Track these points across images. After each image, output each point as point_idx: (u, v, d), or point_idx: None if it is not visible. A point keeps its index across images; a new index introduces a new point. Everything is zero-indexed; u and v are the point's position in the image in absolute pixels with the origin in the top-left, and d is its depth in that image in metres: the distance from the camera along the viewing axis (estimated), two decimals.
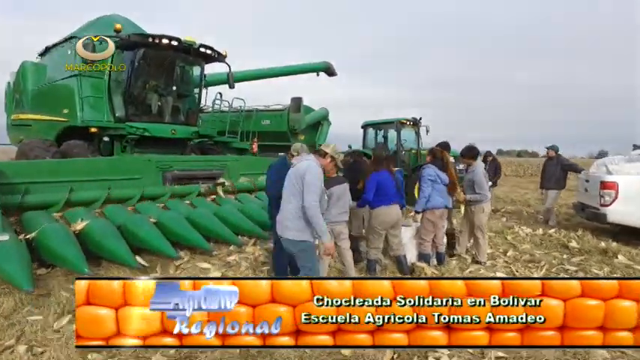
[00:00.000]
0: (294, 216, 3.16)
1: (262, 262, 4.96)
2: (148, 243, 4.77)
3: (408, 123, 11.12)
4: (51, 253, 4.22)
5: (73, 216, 5.19)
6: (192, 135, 8.16)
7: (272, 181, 4.23)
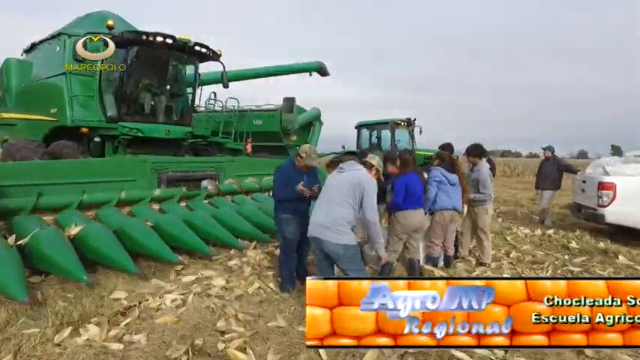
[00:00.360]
0: (347, 222, 3.18)
1: (266, 267, 4.81)
2: (147, 248, 4.57)
3: (403, 123, 11.11)
4: (45, 261, 3.99)
5: (66, 220, 4.97)
6: (186, 135, 7.95)
7: (280, 184, 4.09)
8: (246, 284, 4.21)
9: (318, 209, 3.29)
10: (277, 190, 4.14)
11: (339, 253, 3.16)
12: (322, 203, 3.30)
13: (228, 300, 3.80)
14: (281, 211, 4.10)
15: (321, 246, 3.12)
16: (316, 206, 3.35)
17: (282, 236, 4.12)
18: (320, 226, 3.15)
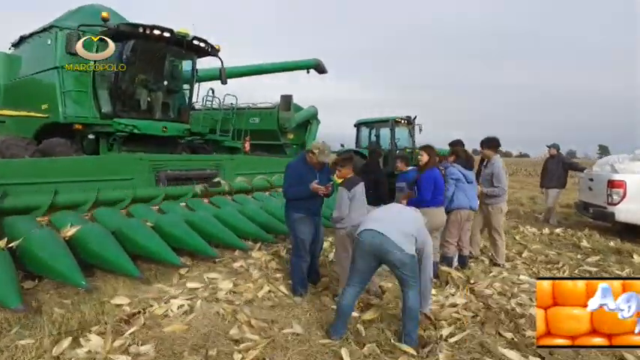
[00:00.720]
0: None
1: (275, 269, 4.59)
2: (148, 250, 4.31)
3: (403, 122, 10.92)
4: (39, 264, 3.72)
5: (60, 220, 4.69)
6: (183, 133, 7.67)
7: (292, 181, 3.86)
8: (256, 288, 3.98)
9: (382, 215, 3.07)
10: (289, 189, 3.91)
11: (405, 262, 2.92)
12: (385, 209, 3.11)
13: (237, 305, 3.56)
14: (293, 210, 3.88)
15: (384, 253, 2.88)
16: (375, 211, 3.14)
17: (295, 236, 3.90)
18: (394, 229, 2.93)
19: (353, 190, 3.84)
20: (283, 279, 4.23)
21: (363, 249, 2.95)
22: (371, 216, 3.23)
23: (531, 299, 3.79)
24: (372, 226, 2.96)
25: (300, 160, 3.99)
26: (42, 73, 7.03)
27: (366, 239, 2.92)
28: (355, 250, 3.03)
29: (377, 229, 2.95)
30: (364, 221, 3.09)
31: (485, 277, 4.45)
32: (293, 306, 3.66)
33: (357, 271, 3.01)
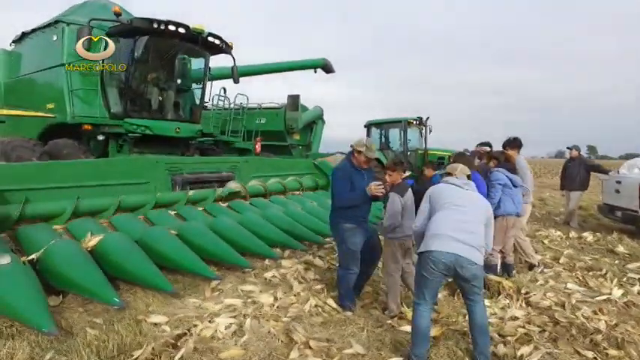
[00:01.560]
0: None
1: (313, 280, 4.29)
2: (177, 262, 3.99)
3: (415, 122, 10.70)
4: (64, 279, 3.38)
5: (78, 229, 4.36)
6: (196, 134, 7.34)
7: (344, 187, 3.55)
8: (300, 302, 3.68)
9: (452, 224, 2.75)
10: (343, 196, 3.55)
11: (478, 276, 2.70)
12: (454, 218, 2.77)
13: (285, 322, 3.27)
14: (343, 220, 3.56)
15: (458, 268, 2.62)
16: (444, 219, 2.78)
17: (345, 248, 3.57)
18: (464, 244, 2.65)
19: (405, 196, 3.59)
20: (327, 291, 3.94)
21: (435, 267, 2.67)
22: (439, 229, 2.83)
23: (595, 312, 3.58)
24: (448, 232, 2.71)
25: (346, 164, 3.69)
26: (47, 71, 6.66)
27: (438, 258, 2.66)
28: (424, 267, 2.74)
29: (453, 236, 2.69)
30: (431, 238, 2.77)
31: (535, 286, 4.21)
32: (345, 322, 3.37)
33: (428, 288, 2.73)
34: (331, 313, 3.54)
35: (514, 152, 5.10)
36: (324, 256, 5.17)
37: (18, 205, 4.17)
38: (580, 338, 3.14)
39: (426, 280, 2.71)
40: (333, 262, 4.96)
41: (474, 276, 2.67)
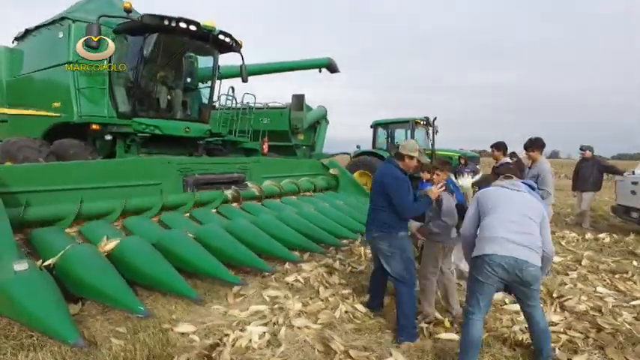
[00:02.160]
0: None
1: (338, 284, 4.15)
2: (198, 267, 3.83)
3: (422, 122, 10.60)
4: (84, 286, 3.20)
5: (92, 232, 4.20)
6: (205, 134, 7.16)
7: (405, 195, 3.23)
8: (330, 308, 3.55)
9: (508, 225, 2.61)
10: (409, 206, 3.19)
11: (537, 277, 2.58)
12: (508, 220, 2.63)
13: (317, 329, 3.13)
14: (398, 228, 3.24)
15: (517, 271, 2.49)
16: (497, 222, 2.64)
17: (406, 257, 3.22)
18: (522, 246, 2.53)
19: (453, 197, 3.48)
20: (355, 296, 3.80)
21: (493, 271, 2.54)
22: (493, 232, 2.67)
23: (637, 318, 3.48)
24: (505, 234, 2.57)
25: (396, 169, 3.32)
26: (52, 69, 6.46)
27: (496, 261, 2.53)
28: (480, 271, 2.59)
29: (510, 238, 2.57)
30: (487, 241, 2.63)
31: (566, 290, 4.10)
32: (380, 329, 3.25)
33: (484, 294, 2.60)
34: (363, 319, 3.41)
35: (536, 153, 4.99)
36: (343, 259, 5.04)
37: (30, 207, 3.99)
38: (629, 347, 3.02)
39: (482, 285, 2.58)
40: (354, 265, 4.83)
41: (534, 278, 2.54)
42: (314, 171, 7.98)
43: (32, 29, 7.05)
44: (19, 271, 3.01)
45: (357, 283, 4.19)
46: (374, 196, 3.34)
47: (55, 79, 6.42)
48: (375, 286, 3.62)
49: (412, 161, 3.30)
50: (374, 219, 3.31)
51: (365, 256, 5.14)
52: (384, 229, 3.22)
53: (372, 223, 3.33)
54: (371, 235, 3.33)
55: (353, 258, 5.10)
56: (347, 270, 4.64)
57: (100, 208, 4.56)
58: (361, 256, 5.12)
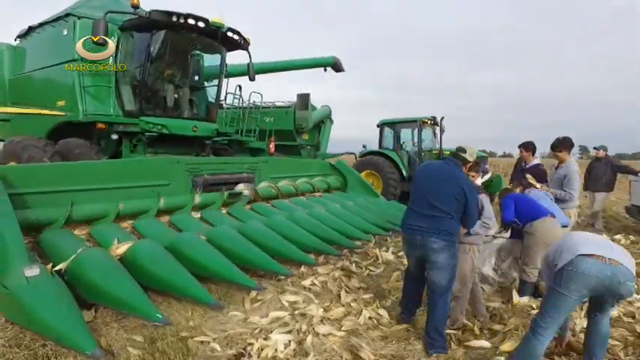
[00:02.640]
0: None
1: (358, 288, 4.01)
2: (214, 271, 3.65)
3: (429, 122, 10.46)
4: (98, 292, 3.03)
5: (102, 235, 4.04)
6: (213, 133, 7.01)
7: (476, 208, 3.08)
8: (352, 313, 3.41)
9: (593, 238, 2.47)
10: (477, 215, 3.05)
11: (632, 292, 2.37)
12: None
13: (343, 337, 3.00)
14: (456, 240, 3.02)
15: (614, 285, 2.29)
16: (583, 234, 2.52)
17: (455, 269, 3.03)
18: (620, 259, 2.36)
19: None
20: (377, 301, 3.66)
21: (585, 283, 2.34)
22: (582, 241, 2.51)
23: None
24: (599, 252, 2.35)
25: (452, 167, 3.08)
26: (57, 67, 6.30)
27: (593, 269, 2.30)
28: (567, 284, 2.38)
29: (606, 256, 2.34)
30: (570, 245, 2.46)
31: None
32: (408, 336, 3.10)
33: (566, 310, 2.43)
34: (388, 325, 3.27)
35: (564, 154, 4.84)
36: (359, 261, 4.90)
37: (42, 209, 3.84)
38: None
39: (566, 299, 2.37)
40: (372, 268, 4.70)
41: (629, 293, 2.35)
42: (322, 171, 7.86)
43: (35, 26, 6.89)
44: (30, 276, 2.87)
45: (378, 287, 4.05)
46: (442, 200, 2.91)
47: (60, 77, 6.25)
48: (410, 298, 3.33)
49: (475, 167, 3.18)
50: (438, 228, 2.89)
51: (381, 258, 5.01)
52: (447, 239, 2.90)
53: (433, 232, 2.90)
54: (431, 245, 2.90)
55: (368, 260, 4.97)
56: (364, 273, 4.50)
57: (109, 209, 4.41)
58: (377, 259, 4.99)
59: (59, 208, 3.99)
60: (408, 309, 3.29)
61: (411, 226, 3.02)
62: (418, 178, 3.13)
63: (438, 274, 2.93)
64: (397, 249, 5.54)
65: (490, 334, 3.16)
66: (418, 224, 2.97)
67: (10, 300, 2.76)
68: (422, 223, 2.95)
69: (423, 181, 3.06)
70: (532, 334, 2.46)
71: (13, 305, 2.75)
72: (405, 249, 3.15)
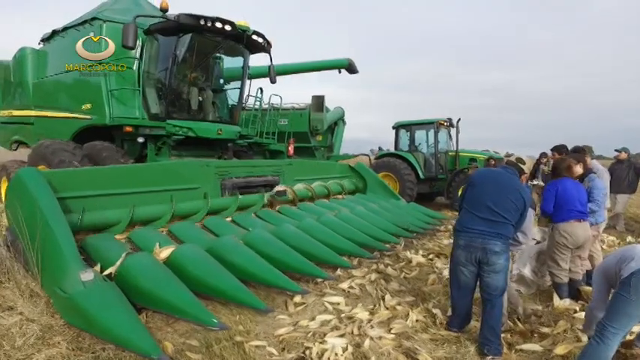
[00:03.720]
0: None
1: (398, 291, 4.02)
2: (257, 275, 3.64)
3: (445, 124, 10.47)
4: (150, 297, 3.04)
5: (141, 238, 4.06)
6: (236, 135, 7.03)
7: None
8: (399, 316, 3.42)
9: None
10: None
11: None
12: None
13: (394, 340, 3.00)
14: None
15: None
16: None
17: (507, 272, 3.08)
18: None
19: None
20: (421, 303, 3.67)
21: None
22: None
23: None
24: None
25: (513, 177, 3.15)
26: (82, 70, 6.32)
27: None
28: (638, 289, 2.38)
29: None
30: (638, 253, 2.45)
31: None
32: (458, 339, 3.11)
33: (636, 316, 2.42)
34: (437, 329, 3.27)
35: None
36: (392, 264, 4.91)
37: (78, 213, 3.85)
38: None
39: (637, 306, 2.38)
40: (407, 270, 4.70)
41: None
42: (343, 173, 7.89)
43: (59, 30, 6.92)
44: (86, 281, 2.90)
45: (418, 290, 4.06)
46: (502, 206, 2.95)
47: (86, 80, 6.28)
48: (464, 307, 3.24)
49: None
50: (498, 232, 2.94)
51: (412, 260, 5.01)
52: (505, 243, 2.97)
53: (494, 236, 2.94)
54: (492, 248, 2.92)
55: (401, 263, 4.97)
56: (401, 276, 4.51)
57: (150, 213, 4.44)
58: (410, 262, 4.99)
59: (106, 212, 4.02)
60: (461, 318, 3.26)
61: (471, 230, 3.02)
62: (477, 183, 3.14)
63: (496, 276, 2.96)
64: (426, 251, 5.56)
65: (539, 337, 3.16)
66: (478, 228, 2.99)
67: (70, 304, 2.79)
68: (482, 226, 2.97)
69: (484, 187, 3.09)
70: (600, 340, 2.45)
71: (72, 309, 2.78)
72: (459, 253, 3.11)
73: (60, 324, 2.84)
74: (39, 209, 3.29)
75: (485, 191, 3.04)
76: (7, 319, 2.88)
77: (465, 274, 3.08)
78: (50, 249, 3.16)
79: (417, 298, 3.82)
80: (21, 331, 2.75)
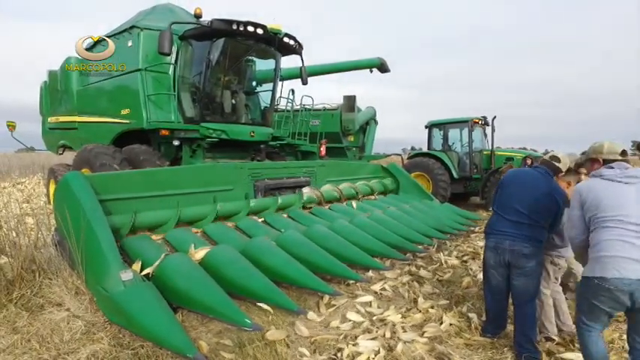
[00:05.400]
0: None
1: (431, 294, 3.96)
2: (290, 278, 3.65)
3: (480, 122, 10.20)
4: (187, 298, 3.11)
5: (177, 240, 4.17)
6: (268, 137, 7.13)
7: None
8: (432, 320, 3.36)
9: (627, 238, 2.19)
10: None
11: None
12: (627, 232, 2.20)
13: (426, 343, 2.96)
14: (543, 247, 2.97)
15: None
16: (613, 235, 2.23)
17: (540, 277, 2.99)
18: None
19: None
20: (453, 307, 3.60)
21: (609, 296, 2.20)
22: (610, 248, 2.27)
23: None
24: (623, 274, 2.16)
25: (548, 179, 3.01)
26: (122, 77, 6.60)
27: (616, 286, 2.17)
28: (593, 294, 2.27)
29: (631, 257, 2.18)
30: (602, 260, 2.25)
31: None
32: (493, 345, 3.03)
33: (598, 319, 2.32)
34: (471, 333, 3.20)
35: None
36: (425, 266, 4.84)
37: (128, 215, 4.01)
38: None
39: (594, 308, 2.27)
40: (439, 273, 4.62)
41: None
42: (375, 173, 7.83)
43: (100, 40, 7.23)
44: (126, 280, 3.02)
45: (451, 293, 3.98)
46: (533, 209, 2.85)
47: (125, 86, 6.55)
48: (499, 313, 3.15)
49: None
50: (527, 235, 2.85)
51: (446, 263, 4.92)
52: (536, 246, 2.87)
53: (523, 238, 2.85)
54: (521, 251, 2.84)
55: (434, 265, 4.89)
56: (434, 278, 4.43)
57: (193, 214, 4.57)
58: (443, 264, 4.90)
59: (154, 213, 4.20)
60: (495, 323, 3.16)
61: (500, 232, 2.95)
62: (508, 185, 3.04)
63: (526, 280, 2.87)
64: (460, 253, 5.44)
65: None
66: (507, 230, 2.91)
67: (111, 303, 2.92)
68: (510, 229, 2.90)
69: (514, 189, 2.99)
70: (580, 335, 2.39)
71: (114, 307, 2.90)
72: (489, 256, 3.04)
73: (102, 321, 2.98)
74: (83, 212, 3.45)
75: (512, 193, 2.97)
76: (57, 314, 3.06)
77: (497, 277, 3.00)
78: (93, 249, 3.30)
79: (450, 301, 3.74)
80: (68, 326, 2.92)
